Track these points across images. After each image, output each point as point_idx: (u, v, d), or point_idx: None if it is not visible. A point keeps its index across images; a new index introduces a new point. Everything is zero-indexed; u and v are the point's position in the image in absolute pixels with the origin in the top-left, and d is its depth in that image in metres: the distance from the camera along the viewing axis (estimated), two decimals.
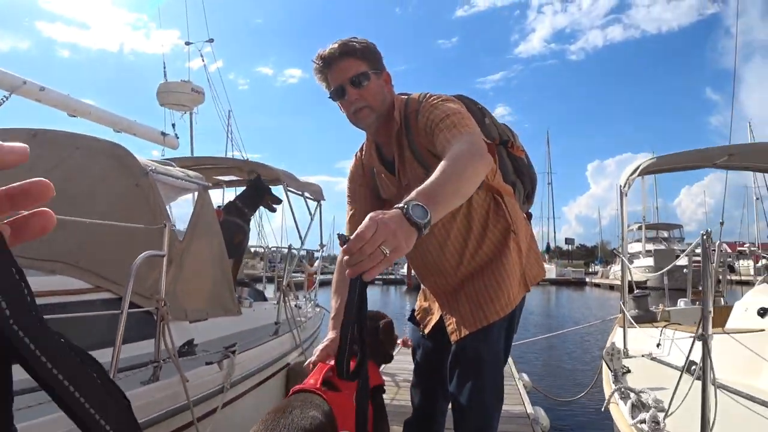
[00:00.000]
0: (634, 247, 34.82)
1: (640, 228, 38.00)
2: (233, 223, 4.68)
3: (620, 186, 5.02)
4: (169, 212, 3.69)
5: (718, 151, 5.18)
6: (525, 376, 5.89)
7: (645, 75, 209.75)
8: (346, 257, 0.95)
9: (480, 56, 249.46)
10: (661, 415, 2.40)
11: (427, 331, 1.97)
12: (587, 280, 44.77)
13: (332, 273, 1.88)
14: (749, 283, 10.75)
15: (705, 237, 2.03)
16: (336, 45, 1.64)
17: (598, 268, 53.04)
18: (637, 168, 4.92)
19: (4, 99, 4.50)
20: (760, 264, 7.13)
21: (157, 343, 2.65)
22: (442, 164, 1.21)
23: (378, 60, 1.69)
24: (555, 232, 67.76)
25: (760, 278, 4.10)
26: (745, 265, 13.85)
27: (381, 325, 1.85)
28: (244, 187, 5.51)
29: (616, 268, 35.11)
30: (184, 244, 3.62)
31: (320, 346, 1.65)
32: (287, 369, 4.40)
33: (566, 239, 70.68)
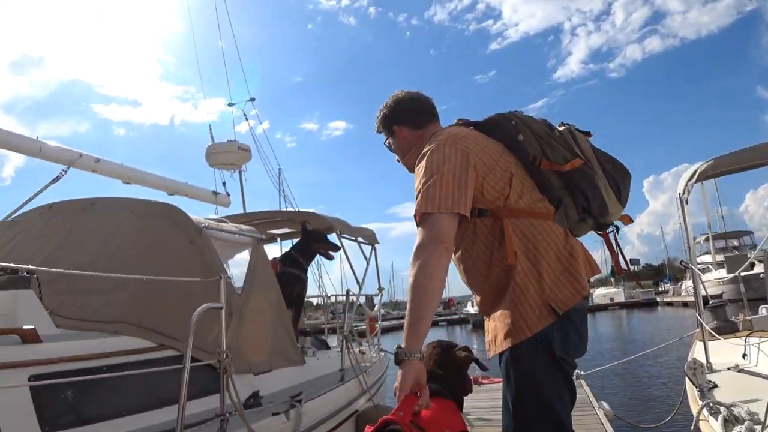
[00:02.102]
0: (704, 260, 32.85)
1: (707, 239, 35.85)
2: (290, 274, 4.70)
3: (679, 194, 4.79)
4: (226, 267, 3.78)
5: None
6: (605, 405, 5.53)
7: (690, 82, 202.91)
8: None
9: (519, 86, 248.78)
10: (758, 428, 2.21)
11: None
12: (658, 299, 42.74)
13: (394, 318, 1.93)
14: None
15: None
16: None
17: (668, 286, 50.48)
18: (695, 172, 4.70)
19: (63, 172, 4.79)
20: None
21: (222, 396, 2.67)
22: None
23: (390, 123, 1.96)
24: None
25: None
26: None
27: (464, 354, 1.91)
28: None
29: (688, 284, 33.24)
30: (242, 298, 3.67)
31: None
32: (356, 415, 4.35)
33: (630, 260, 67.20)
